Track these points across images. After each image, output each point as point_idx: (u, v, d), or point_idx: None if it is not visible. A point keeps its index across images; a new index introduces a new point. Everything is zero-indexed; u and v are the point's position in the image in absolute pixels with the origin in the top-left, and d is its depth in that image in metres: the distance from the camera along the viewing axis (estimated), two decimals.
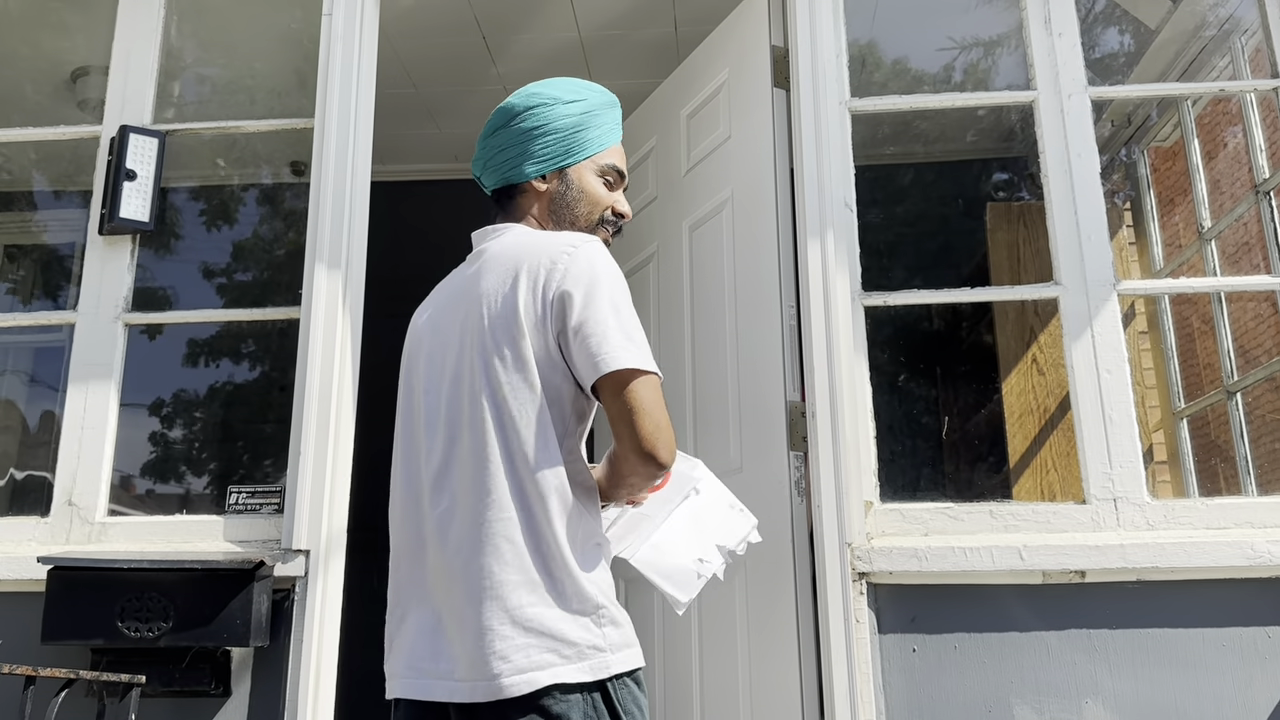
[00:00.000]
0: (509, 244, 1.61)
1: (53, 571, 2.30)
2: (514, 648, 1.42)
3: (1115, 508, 2.30)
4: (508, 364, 1.51)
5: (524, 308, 1.51)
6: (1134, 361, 3.81)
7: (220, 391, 3.28)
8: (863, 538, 2.32)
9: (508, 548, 1.45)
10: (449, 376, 1.57)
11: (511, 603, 1.44)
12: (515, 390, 1.50)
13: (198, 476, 3.23)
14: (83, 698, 2.28)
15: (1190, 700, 2.18)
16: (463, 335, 1.57)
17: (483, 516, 1.47)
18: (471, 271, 1.63)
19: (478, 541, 1.47)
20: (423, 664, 1.51)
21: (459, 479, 1.52)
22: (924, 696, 2.23)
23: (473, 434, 1.51)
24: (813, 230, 2.50)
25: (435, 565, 1.52)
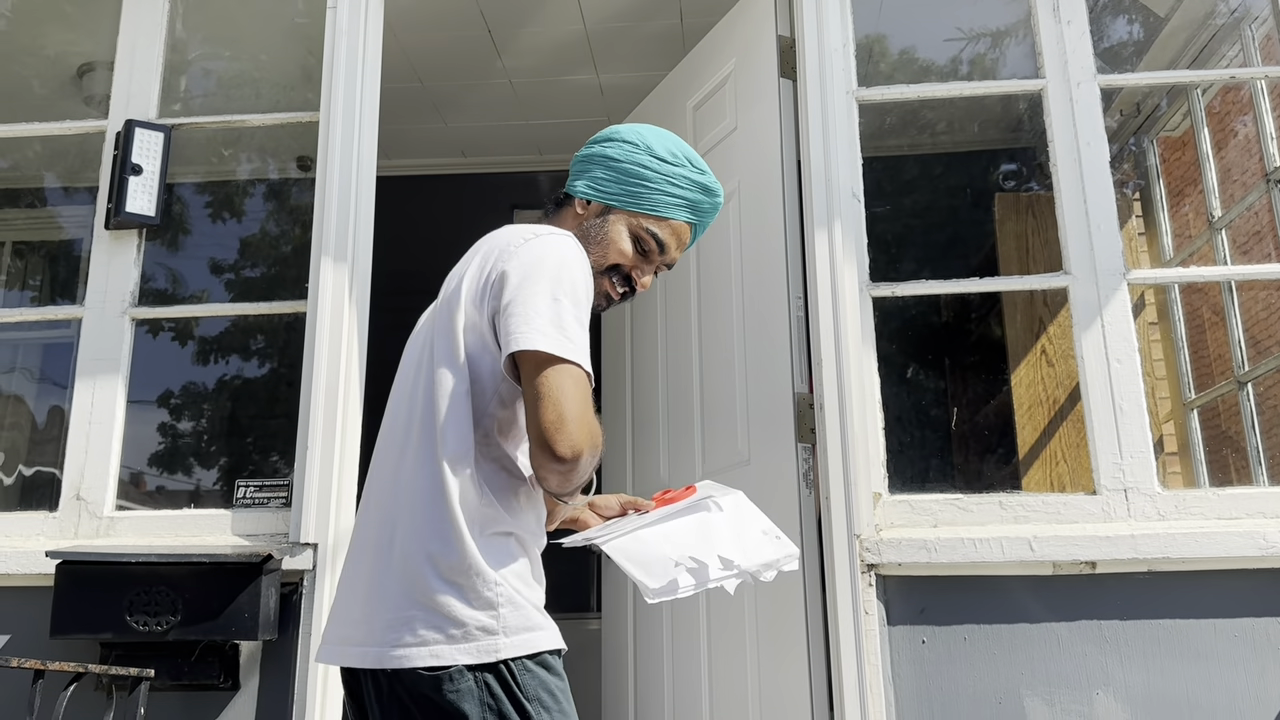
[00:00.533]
0: (493, 235, 1.61)
1: (61, 566, 2.30)
2: (402, 619, 1.42)
3: (1126, 498, 2.29)
4: (445, 340, 1.51)
5: (467, 285, 1.51)
6: (1144, 352, 3.78)
7: (227, 386, 3.28)
8: (872, 529, 2.31)
9: (420, 522, 1.46)
10: (423, 353, 1.58)
11: (413, 576, 1.44)
12: (446, 366, 1.50)
13: (205, 471, 3.23)
14: (92, 691, 2.28)
15: (1202, 691, 2.16)
16: (431, 319, 1.60)
17: (408, 490, 1.49)
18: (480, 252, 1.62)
19: (400, 513, 1.48)
20: (342, 629, 1.52)
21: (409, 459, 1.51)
22: (934, 688, 2.22)
23: (416, 409, 1.53)
24: (820, 221, 2.48)
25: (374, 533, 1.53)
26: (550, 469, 1.41)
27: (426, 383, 1.52)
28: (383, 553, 1.49)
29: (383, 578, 1.47)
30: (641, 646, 3.11)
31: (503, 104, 4.38)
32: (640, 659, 3.10)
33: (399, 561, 1.46)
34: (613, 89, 4.23)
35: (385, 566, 1.47)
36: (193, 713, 2.33)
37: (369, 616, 1.46)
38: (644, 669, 3.07)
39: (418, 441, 1.50)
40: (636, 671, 3.12)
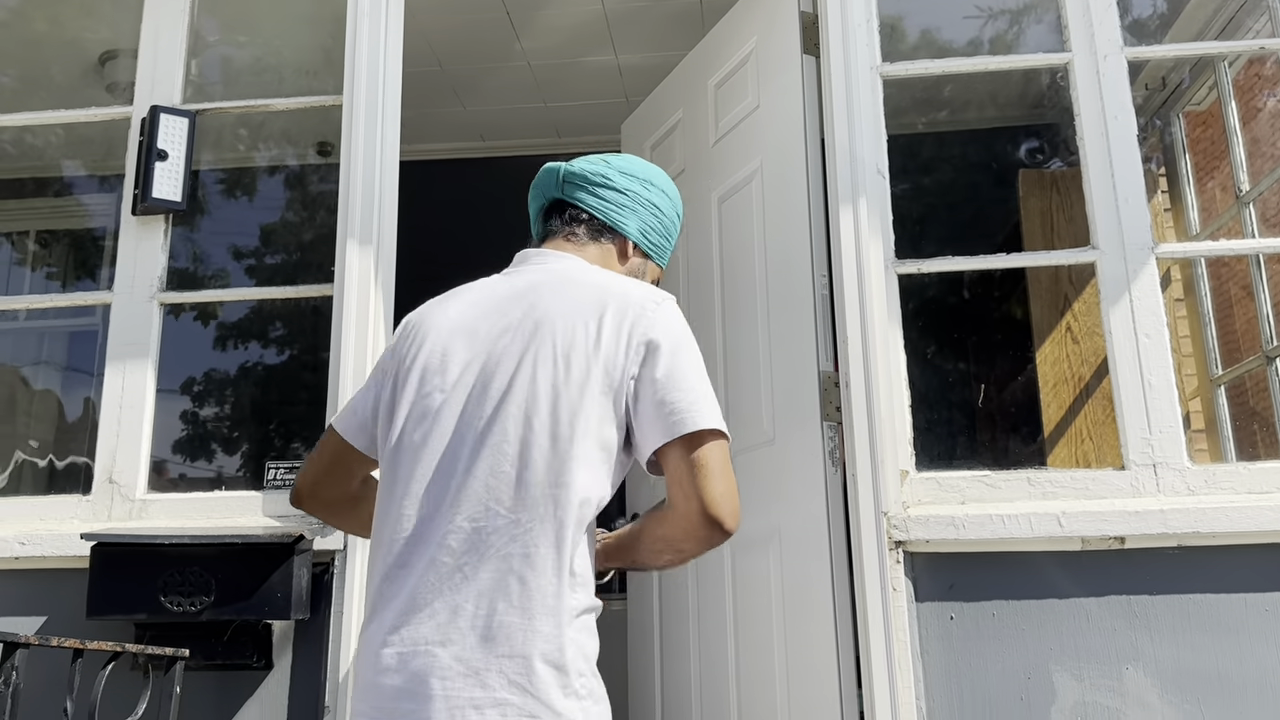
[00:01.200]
0: (581, 272, 1.60)
1: (96, 548, 2.33)
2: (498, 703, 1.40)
3: (1155, 473, 2.28)
4: (576, 399, 1.45)
5: (606, 343, 1.47)
6: (1171, 328, 3.76)
7: (253, 369, 3.31)
8: (899, 506, 2.31)
9: (533, 602, 1.40)
10: (501, 382, 1.49)
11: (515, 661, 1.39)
12: (588, 426, 1.44)
13: (234, 454, 3.27)
14: (128, 671, 2.31)
15: (1234, 666, 2.16)
16: (525, 346, 1.50)
17: (526, 546, 1.41)
18: (525, 283, 1.60)
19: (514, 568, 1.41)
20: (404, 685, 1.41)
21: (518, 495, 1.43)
22: (962, 664, 2.22)
23: (535, 459, 1.43)
24: (845, 197, 2.48)
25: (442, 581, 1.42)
26: (709, 541, 1.44)
27: (544, 427, 1.44)
28: (455, 589, 1.40)
29: (461, 626, 1.38)
30: (667, 626, 3.12)
31: (521, 87, 4.38)
32: (665, 638, 3.12)
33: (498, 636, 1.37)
34: (631, 70, 4.22)
35: (461, 609, 1.39)
36: (227, 692, 2.36)
37: (445, 669, 1.36)
38: (669, 648, 3.09)
39: (528, 495, 1.41)
40: (662, 651, 3.13)
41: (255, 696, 2.35)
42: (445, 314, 1.61)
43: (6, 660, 1.80)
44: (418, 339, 1.60)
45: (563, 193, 1.74)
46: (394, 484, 1.51)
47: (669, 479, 1.46)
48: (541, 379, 1.46)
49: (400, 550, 1.46)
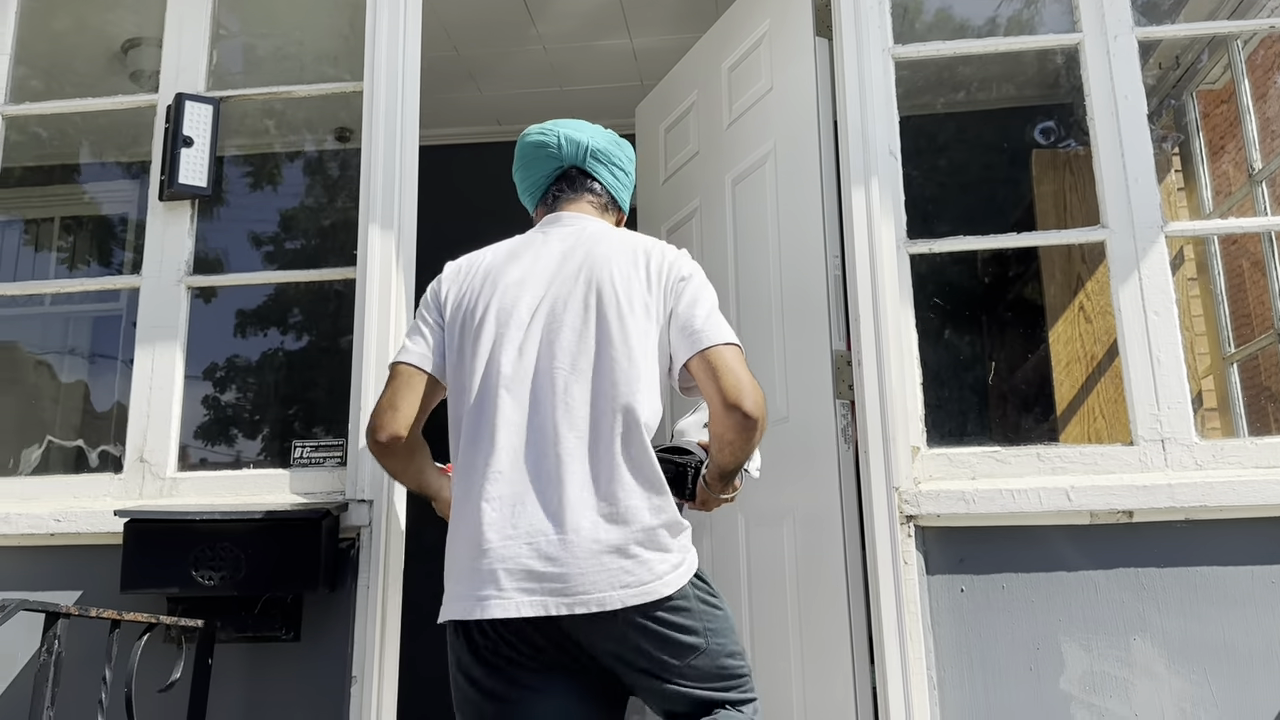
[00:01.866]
0: (612, 231, 1.96)
1: (129, 524, 2.40)
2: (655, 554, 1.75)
3: (1163, 448, 2.32)
4: (635, 321, 1.79)
5: (644, 284, 1.83)
6: (1183, 307, 3.78)
7: (278, 351, 3.37)
8: (910, 482, 2.35)
9: (635, 490, 1.72)
10: (588, 319, 1.79)
11: (645, 513, 1.73)
12: (639, 344, 1.78)
13: (260, 434, 3.34)
14: (161, 643, 2.39)
15: (1239, 636, 2.20)
16: (594, 293, 1.81)
17: (624, 444, 1.73)
18: (568, 237, 1.93)
19: (618, 463, 1.72)
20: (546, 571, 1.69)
21: (602, 408, 1.74)
22: (972, 635, 2.27)
23: (603, 375, 1.75)
24: (857, 178, 2.51)
25: (566, 477, 1.71)
26: (740, 427, 1.75)
27: (608, 340, 1.77)
28: (581, 485, 1.69)
29: (588, 516, 1.68)
30: None
31: (537, 71, 4.42)
32: None
33: (617, 499, 1.69)
34: (646, 53, 4.25)
35: (588, 501, 1.69)
36: (257, 663, 2.43)
37: (584, 563, 1.66)
38: None
39: (602, 388, 1.74)
40: None
41: (285, 667, 2.42)
42: (504, 264, 1.91)
43: (49, 630, 1.88)
44: (483, 287, 1.89)
45: (584, 165, 2.03)
46: (485, 413, 1.77)
47: (699, 387, 1.79)
48: (610, 316, 1.79)
49: (507, 461, 1.73)
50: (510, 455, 1.73)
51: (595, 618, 1.66)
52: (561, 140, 2.02)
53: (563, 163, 2.03)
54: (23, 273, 4.74)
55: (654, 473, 1.73)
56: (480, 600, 1.68)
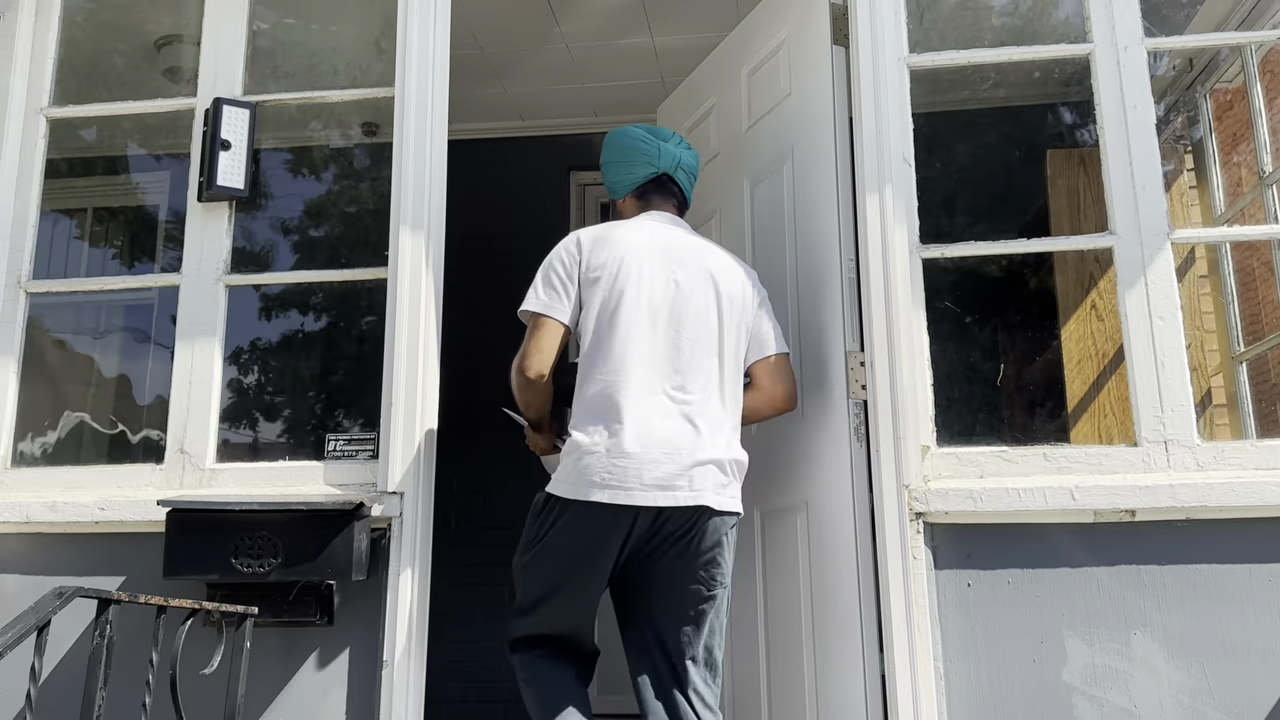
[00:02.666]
0: (709, 241, 2.56)
1: (171, 514, 2.52)
2: (727, 485, 2.34)
3: (1166, 450, 2.39)
4: (736, 323, 2.43)
5: (745, 296, 2.47)
6: (1193, 307, 3.84)
7: (311, 347, 3.47)
8: (920, 480, 2.44)
9: (731, 436, 2.37)
10: (701, 304, 2.38)
11: (742, 458, 2.39)
12: (741, 337, 2.45)
13: (293, 427, 3.44)
14: (200, 627, 2.50)
15: (1237, 633, 2.28)
16: (712, 286, 2.42)
17: (734, 400, 2.40)
18: (682, 235, 2.49)
19: (730, 412, 2.38)
20: (674, 474, 2.24)
21: (726, 368, 2.39)
22: (979, 628, 2.36)
23: (728, 342, 2.40)
24: (871, 185, 2.59)
25: (682, 410, 2.30)
26: (783, 410, 2.55)
27: (722, 337, 2.40)
28: (706, 421, 2.31)
29: (714, 442, 2.30)
30: None
31: (560, 68, 4.50)
32: None
33: (728, 436, 2.35)
34: (667, 51, 4.32)
35: (713, 434, 2.31)
36: (292, 646, 2.55)
37: (703, 470, 2.26)
38: None
39: (726, 354, 2.39)
40: None
41: (319, 651, 2.53)
42: (642, 244, 2.42)
43: (101, 615, 1.99)
44: (627, 252, 2.39)
45: (674, 174, 2.56)
46: (632, 337, 2.32)
47: (762, 374, 2.50)
48: (722, 306, 2.41)
49: (651, 384, 2.30)
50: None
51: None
52: (660, 152, 2.54)
53: (656, 169, 2.54)
54: (57, 261, 4.86)
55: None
56: None
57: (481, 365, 4.15)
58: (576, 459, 2.23)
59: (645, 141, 2.54)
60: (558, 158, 5.13)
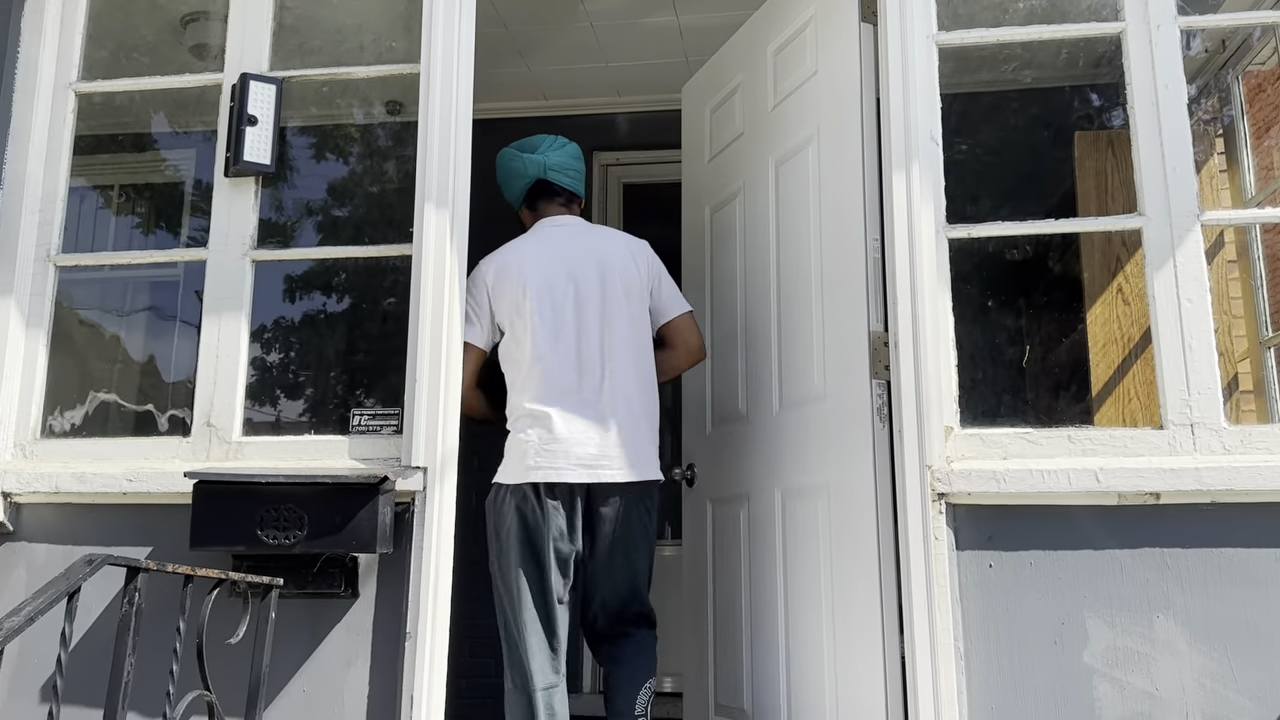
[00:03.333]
0: (597, 228, 2.99)
1: (198, 485, 2.55)
2: (647, 457, 2.76)
3: (1192, 433, 2.38)
4: (634, 294, 2.84)
5: (638, 271, 2.87)
6: (1222, 291, 3.80)
7: (335, 323, 3.49)
8: (943, 461, 2.43)
9: (648, 404, 2.80)
10: (582, 286, 2.78)
11: (653, 425, 2.81)
12: (637, 307, 2.84)
13: (319, 402, 3.47)
14: (226, 598, 2.53)
15: (1261, 616, 2.27)
16: (601, 265, 2.82)
17: (631, 379, 2.77)
18: (571, 228, 2.91)
19: (634, 386, 2.77)
20: (590, 460, 2.66)
21: (619, 348, 2.76)
22: (1000, 609, 2.36)
23: (619, 324, 2.78)
24: (898, 164, 2.57)
25: (594, 396, 2.71)
26: (695, 362, 3.01)
27: (609, 306, 2.79)
28: (612, 401, 2.72)
29: (619, 420, 2.71)
30: (719, 574, 3.29)
31: (584, 47, 4.48)
32: (718, 586, 3.29)
33: (630, 419, 2.73)
34: (691, 30, 4.31)
35: (619, 411, 2.72)
36: (317, 618, 2.58)
37: (611, 450, 2.69)
38: (721, 595, 3.26)
39: (608, 343, 2.76)
40: (715, 597, 3.30)
41: (343, 622, 2.56)
42: (538, 257, 2.81)
43: (130, 583, 2.01)
44: (524, 274, 2.78)
45: (547, 177, 2.94)
46: (548, 346, 2.72)
47: (673, 334, 2.93)
48: (615, 288, 2.81)
49: (567, 380, 2.71)
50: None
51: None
52: (526, 163, 2.93)
53: (530, 178, 2.94)
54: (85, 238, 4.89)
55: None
56: None
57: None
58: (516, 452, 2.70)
59: (513, 158, 2.96)
60: (580, 138, 5.08)
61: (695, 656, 3.38)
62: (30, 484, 2.70)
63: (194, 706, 2.40)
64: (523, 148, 2.97)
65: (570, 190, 2.94)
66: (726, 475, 3.30)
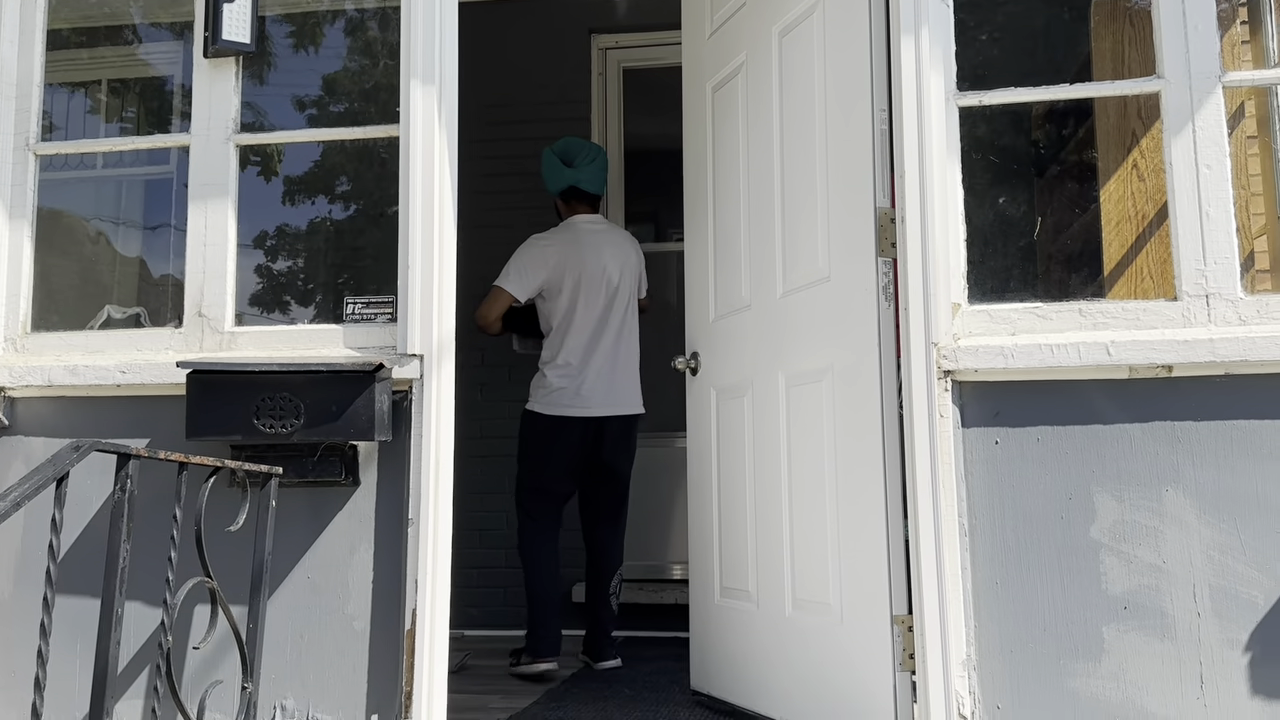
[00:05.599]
0: (616, 228, 4.16)
1: (192, 375, 2.51)
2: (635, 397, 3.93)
3: (1207, 304, 2.31)
4: (636, 284, 3.98)
5: (639, 265, 4.01)
6: (1240, 165, 3.68)
7: (326, 217, 3.43)
8: (949, 338, 2.37)
9: (634, 359, 3.93)
10: (612, 283, 3.86)
11: (635, 378, 3.94)
12: (633, 293, 3.95)
13: (310, 291, 3.44)
14: (226, 488, 2.52)
15: (1272, 488, 2.23)
16: (622, 266, 3.90)
17: (630, 345, 3.92)
18: (602, 231, 3.96)
19: (633, 350, 3.92)
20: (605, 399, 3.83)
21: (620, 328, 3.88)
22: (1005, 486, 2.33)
23: (624, 311, 3.89)
24: (907, 27, 2.45)
25: (610, 359, 3.85)
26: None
27: (624, 296, 3.89)
28: (616, 367, 3.85)
29: (621, 379, 3.86)
30: (724, 460, 3.27)
31: None
32: (723, 472, 3.27)
33: (628, 373, 3.89)
34: None
35: (623, 374, 3.87)
36: (318, 506, 2.57)
37: (616, 396, 3.85)
38: (726, 480, 3.24)
39: (621, 323, 3.87)
40: (720, 483, 3.29)
41: (345, 510, 2.55)
42: (584, 255, 3.84)
43: (122, 469, 1.99)
44: (577, 267, 3.82)
45: (580, 186, 3.93)
46: (582, 322, 3.82)
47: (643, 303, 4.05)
48: (630, 283, 3.93)
49: (593, 347, 3.83)
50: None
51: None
52: (562, 177, 3.91)
53: (564, 185, 3.92)
54: (72, 135, 4.78)
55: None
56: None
57: (499, 236, 4.08)
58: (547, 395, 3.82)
59: (554, 165, 3.92)
60: (577, 19, 4.95)
61: (701, 542, 3.38)
62: (23, 378, 2.67)
63: (197, 595, 2.41)
64: (564, 156, 3.91)
65: (596, 195, 3.98)
66: (730, 363, 3.26)
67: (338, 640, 2.51)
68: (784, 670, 2.87)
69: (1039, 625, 2.27)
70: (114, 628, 1.87)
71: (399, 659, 2.45)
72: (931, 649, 2.27)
